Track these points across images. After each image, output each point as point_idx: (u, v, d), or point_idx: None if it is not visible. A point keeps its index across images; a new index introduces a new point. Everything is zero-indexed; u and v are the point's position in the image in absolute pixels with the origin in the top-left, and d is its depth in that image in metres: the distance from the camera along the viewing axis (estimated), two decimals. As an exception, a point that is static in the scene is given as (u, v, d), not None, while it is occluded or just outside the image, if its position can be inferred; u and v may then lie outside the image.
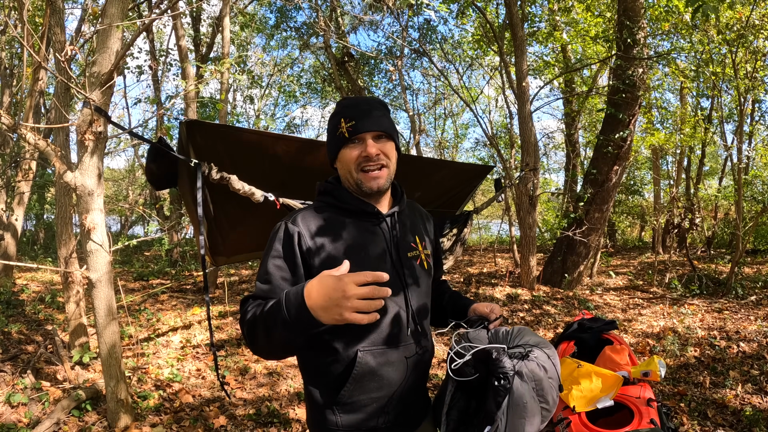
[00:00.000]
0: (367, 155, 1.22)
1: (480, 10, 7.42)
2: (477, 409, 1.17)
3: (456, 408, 1.19)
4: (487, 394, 1.09)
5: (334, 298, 0.94)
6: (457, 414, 1.18)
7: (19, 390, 3.43)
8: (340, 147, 1.26)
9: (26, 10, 3.39)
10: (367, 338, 1.19)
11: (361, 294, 0.93)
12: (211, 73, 5.73)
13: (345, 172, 1.27)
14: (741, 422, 3.05)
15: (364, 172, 1.24)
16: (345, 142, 1.24)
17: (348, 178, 1.27)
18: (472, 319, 1.32)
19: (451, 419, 1.18)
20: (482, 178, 4.92)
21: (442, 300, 1.51)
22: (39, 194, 12.33)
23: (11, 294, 6.29)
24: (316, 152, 3.73)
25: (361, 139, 1.23)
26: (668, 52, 7.24)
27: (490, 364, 1.10)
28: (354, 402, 1.20)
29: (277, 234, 1.22)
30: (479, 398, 1.17)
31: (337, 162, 1.29)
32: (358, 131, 1.23)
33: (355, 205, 1.26)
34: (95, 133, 2.71)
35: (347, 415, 1.21)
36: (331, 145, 1.31)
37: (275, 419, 3.28)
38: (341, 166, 1.28)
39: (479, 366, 1.14)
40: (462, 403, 1.20)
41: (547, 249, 9.37)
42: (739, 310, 5.42)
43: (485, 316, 1.34)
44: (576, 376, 2.88)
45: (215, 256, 4.22)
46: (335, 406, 1.21)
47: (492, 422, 1.05)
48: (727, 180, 11.69)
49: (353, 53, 10.68)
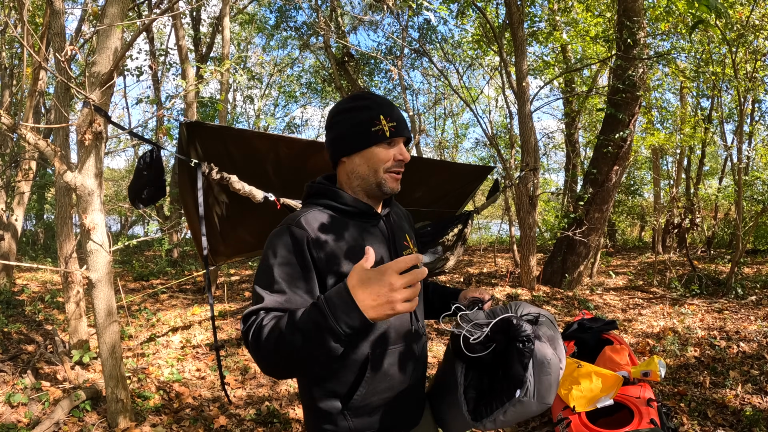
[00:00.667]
0: (402, 159, 1.22)
1: (480, 10, 7.42)
2: (489, 384, 1.19)
3: (471, 386, 1.21)
4: (510, 361, 1.12)
5: (382, 293, 0.90)
6: (474, 392, 1.21)
7: (19, 390, 3.43)
8: (372, 144, 1.19)
9: (26, 10, 3.39)
10: (377, 339, 1.18)
11: (406, 282, 0.90)
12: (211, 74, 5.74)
13: (366, 170, 1.21)
14: (741, 422, 3.05)
15: (389, 173, 1.22)
16: (381, 140, 1.19)
17: (367, 176, 1.22)
18: (470, 301, 1.36)
19: (469, 397, 1.20)
20: (482, 179, 4.94)
21: (427, 293, 1.51)
22: (39, 194, 12.33)
23: (11, 294, 6.29)
24: (316, 152, 3.74)
25: (396, 143, 1.22)
26: (668, 52, 7.25)
27: (512, 331, 1.14)
28: (366, 405, 1.19)
29: (282, 239, 1.13)
30: (490, 374, 1.19)
31: (357, 157, 1.21)
32: (399, 134, 1.20)
33: (356, 206, 1.23)
34: (95, 133, 2.71)
35: (359, 418, 1.19)
36: (354, 137, 1.20)
37: (275, 419, 3.28)
38: (363, 163, 1.21)
39: (497, 337, 1.17)
40: (475, 381, 1.22)
41: (547, 249, 9.37)
42: (739, 310, 5.42)
43: (479, 298, 1.36)
44: (576, 376, 2.88)
45: (216, 256, 4.22)
46: (347, 411, 1.18)
47: (522, 384, 1.09)
48: (727, 180, 11.69)
49: (353, 53, 10.68)
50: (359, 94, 1.27)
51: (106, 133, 2.82)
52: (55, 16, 3.75)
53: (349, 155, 1.22)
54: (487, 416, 1.17)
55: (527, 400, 1.10)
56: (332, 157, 1.26)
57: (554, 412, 2.96)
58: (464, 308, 1.34)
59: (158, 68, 11.74)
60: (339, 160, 1.25)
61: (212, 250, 4.04)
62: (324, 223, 1.18)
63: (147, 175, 2.93)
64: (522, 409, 1.12)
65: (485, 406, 1.18)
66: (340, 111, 1.24)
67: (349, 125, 1.21)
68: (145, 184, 2.97)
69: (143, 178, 2.95)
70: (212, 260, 4.30)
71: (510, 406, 1.13)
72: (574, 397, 2.79)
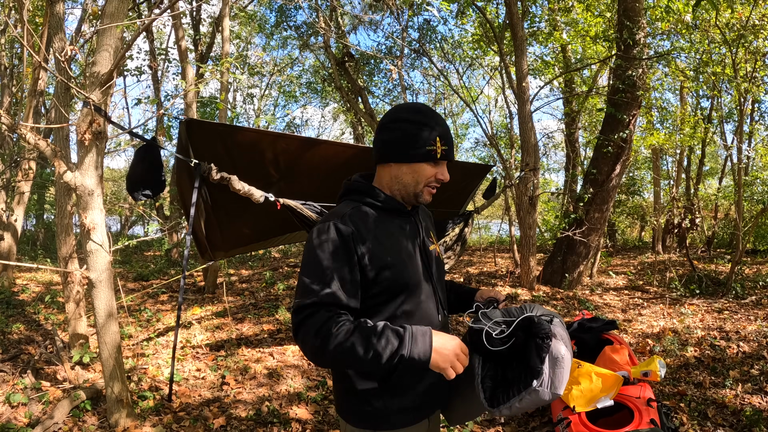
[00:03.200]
0: (442, 179, 1.35)
1: (480, 10, 7.42)
2: (503, 375, 1.32)
3: (488, 376, 1.33)
4: (528, 354, 1.25)
5: (449, 359, 1.14)
6: (490, 381, 1.33)
7: (19, 390, 3.43)
8: (422, 160, 1.30)
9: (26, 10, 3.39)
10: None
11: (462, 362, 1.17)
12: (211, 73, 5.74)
13: (409, 180, 1.33)
14: (741, 422, 3.05)
15: (427, 188, 1.34)
16: (431, 159, 1.30)
17: (408, 185, 1.33)
18: (487, 300, 1.49)
19: (486, 386, 1.32)
20: (482, 177, 4.94)
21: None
22: (39, 194, 12.33)
23: (11, 294, 6.29)
24: (316, 150, 3.73)
25: (442, 164, 1.34)
26: (668, 52, 7.25)
27: (533, 328, 1.27)
28: (400, 386, 1.31)
29: (329, 235, 1.21)
30: (504, 366, 1.32)
31: (406, 167, 1.31)
32: (446, 158, 1.32)
33: (393, 204, 1.34)
34: (95, 133, 2.71)
35: (393, 398, 1.31)
36: (410, 150, 1.29)
37: (275, 419, 3.28)
38: (409, 173, 1.32)
39: (518, 333, 1.30)
40: (492, 372, 1.34)
41: (547, 249, 9.37)
42: (738, 310, 5.42)
43: (495, 298, 1.50)
44: (576, 376, 2.88)
45: (214, 251, 4.22)
46: (383, 392, 1.30)
47: (539, 375, 1.22)
48: (727, 180, 11.69)
49: (353, 53, 10.68)
50: (423, 109, 1.33)
51: (106, 133, 2.81)
52: (55, 16, 3.75)
53: (399, 162, 1.32)
54: (503, 403, 1.28)
55: (542, 389, 1.22)
56: (381, 157, 1.34)
57: (554, 412, 2.96)
58: (483, 306, 1.45)
59: (158, 68, 11.74)
60: (384, 162, 1.35)
61: (210, 246, 4.04)
62: (365, 219, 1.28)
63: (142, 169, 2.93)
64: (536, 398, 1.23)
65: (502, 394, 1.29)
66: (402, 119, 1.31)
67: (408, 136, 1.29)
68: (141, 178, 2.97)
69: (138, 170, 2.96)
70: (211, 255, 4.31)
71: (526, 394, 1.24)
72: (574, 397, 2.79)
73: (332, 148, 3.86)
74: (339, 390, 1.38)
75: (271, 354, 4.44)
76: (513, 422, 3.25)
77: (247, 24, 11.99)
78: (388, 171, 1.34)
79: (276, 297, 6.50)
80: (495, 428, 3.19)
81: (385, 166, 1.34)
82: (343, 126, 19.56)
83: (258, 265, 9.34)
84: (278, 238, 4.76)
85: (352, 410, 1.34)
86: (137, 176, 2.98)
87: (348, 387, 1.33)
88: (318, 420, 3.32)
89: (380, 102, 13.98)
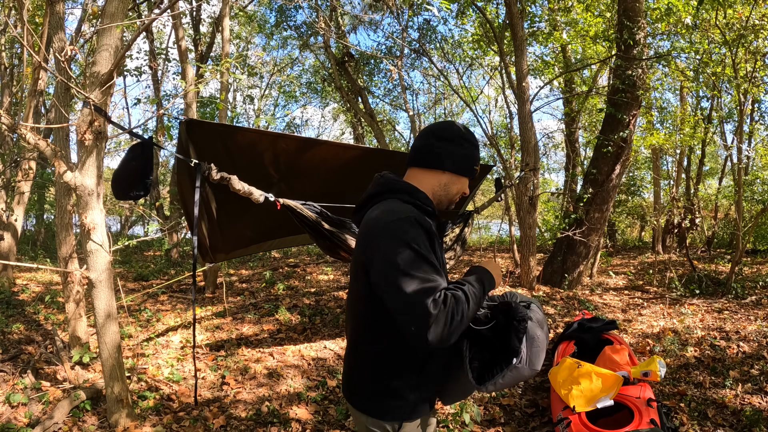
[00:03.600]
0: (465, 194, 1.56)
1: (480, 10, 7.42)
2: (489, 356, 1.44)
3: (476, 358, 1.46)
4: (508, 335, 1.41)
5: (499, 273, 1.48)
6: (477, 362, 1.45)
7: (19, 390, 3.43)
8: (469, 176, 1.53)
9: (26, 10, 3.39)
10: None
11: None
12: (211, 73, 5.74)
13: (453, 190, 1.52)
14: (741, 422, 3.05)
15: (456, 198, 1.54)
16: (471, 176, 1.54)
17: (450, 194, 1.51)
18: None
19: (474, 367, 1.44)
20: (482, 178, 4.93)
21: None
22: (39, 194, 12.33)
23: (11, 294, 6.29)
24: (316, 150, 3.73)
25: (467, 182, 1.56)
26: (668, 52, 7.25)
27: (511, 312, 1.44)
28: (430, 378, 1.47)
29: (416, 229, 1.30)
30: (489, 348, 1.45)
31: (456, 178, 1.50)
32: (476, 177, 1.59)
33: (435, 210, 1.48)
34: (95, 133, 2.71)
35: (421, 390, 1.45)
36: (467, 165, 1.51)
37: (275, 419, 3.28)
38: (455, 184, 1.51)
39: (499, 316, 1.46)
40: (478, 354, 1.46)
41: (547, 249, 9.36)
42: (738, 310, 5.42)
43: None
44: (576, 376, 2.88)
45: (215, 253, 4.22)
46: (416, 387, 1.43)
47: (517, 354, 1.37)
48: (727, 180, 11.69)
49: (353, 53, 10.68)
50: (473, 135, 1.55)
51: (106, 133, 2.81)
52: (55, 15, 3.75)
53: (454, 173, 1.49)
54: (489, 380, 1.41)
55: (521, 366, 1.37)
56: (439, 164, 1.48)
57: (554, 412, 2.96)
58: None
59: (158, 68, 11.74)
60: (441, 170, 1.49)
61: (211, 248, 4.04)
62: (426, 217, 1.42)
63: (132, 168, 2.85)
64: (517, 374, 1.38)
65: (487, 373, 1.42)
66: (466, 138, 1.51)
67: (469, 154, 1.51)
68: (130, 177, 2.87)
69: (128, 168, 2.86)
70: (212, 257, 4.30)
71: (508, 371, 1.38)
72: (574, 397, 2.79)
73: (332, 149, 3.86)
74: (374, 391, 1.44)
75: (271, 354, 4.44)
76: (513, 422, 3.25)
77: (247, 24, 11.99)
78: (438, 178, 1.49)
79: (276, 297, 6.49)
80: (495, 428, 3.19)
81: (438, 172, 1.49)
82: (343, 126, 19.57)
83: (258, 265, 9.34)
84: (280, 240, 4.76)
85: (385, 408, 1.43)
86: (125, 174, 2.89)
87: (386, 386, 1.42)
88: (318, 420, 3.32)
89: (380, 102, 14.00)
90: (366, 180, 1.60)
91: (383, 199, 1.43)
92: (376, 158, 4.13)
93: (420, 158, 1.49)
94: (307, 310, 5.73)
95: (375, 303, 1.36)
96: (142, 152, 2.92)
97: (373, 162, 3.98)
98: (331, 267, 8.58)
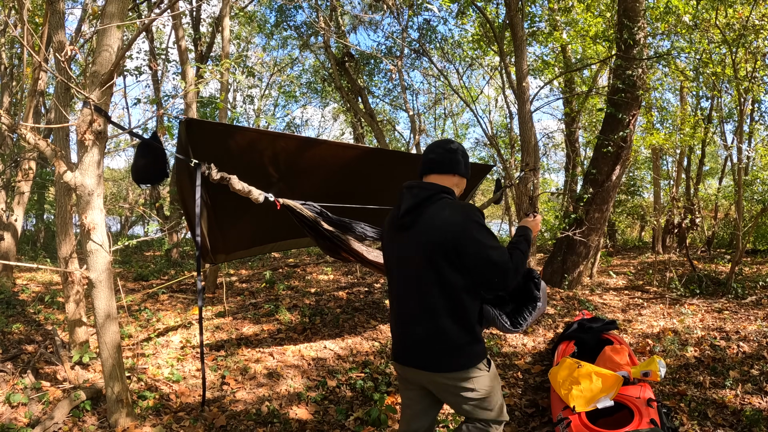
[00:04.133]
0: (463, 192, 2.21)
1: (480, 10, 7.42)
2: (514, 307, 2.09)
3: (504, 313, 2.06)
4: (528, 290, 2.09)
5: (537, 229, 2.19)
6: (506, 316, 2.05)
7: (19, 390, 3.43)
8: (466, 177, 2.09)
9: (26, 10, 3.39)
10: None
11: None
12: (211, 73, 5.74)
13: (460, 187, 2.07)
14: (741, 422, 3.05)
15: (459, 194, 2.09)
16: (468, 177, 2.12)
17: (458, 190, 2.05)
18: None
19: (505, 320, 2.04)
20: (482, 177, 4.93)
21: None
22: (39, 194, 12.33)
23: (11, 294, 6.29)
24: (316, 150, 3.73)
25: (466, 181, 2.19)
26: (668, 52, 7.24)
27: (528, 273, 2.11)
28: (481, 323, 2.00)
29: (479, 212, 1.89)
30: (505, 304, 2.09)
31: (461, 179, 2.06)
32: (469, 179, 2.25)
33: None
34: (95, 133, 2.71)
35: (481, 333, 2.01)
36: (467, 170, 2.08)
37: (275, 419, 3.28)
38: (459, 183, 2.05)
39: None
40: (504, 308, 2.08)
41: (547, 249, 9.37)
42: (738, 310, 5.42)
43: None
44: (576, 376, 2.88)
45: (215, 254, 4.22)
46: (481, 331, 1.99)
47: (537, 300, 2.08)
48: (727, 180, 11.69)
49: (353, 53, 10.67)
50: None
51: (106, 133, 2.82)
52: (55, 14, 3.75)
53: (461, 176, 2.05)
54: (523, 322, 2.05)
55: (540, 305, 2.09)
56: (453, 170, 2.01)
57: (554, 412, 2.96)
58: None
59: (158, 68, 11.74)
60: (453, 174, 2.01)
61: (212, 249, 4.04)
62: None
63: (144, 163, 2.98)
64: (537, 313, 2.08)
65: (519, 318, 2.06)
66: (464, 151, 2.08)
67: (468, 162, 2.09)
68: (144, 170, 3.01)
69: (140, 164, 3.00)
70: (212, 258, 4.30)
71: (534, 311, 2.07)
72: (574, 397, 2.79)
73: (332, 149, 3.86)
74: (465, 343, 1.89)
75: (271, 354, 4.44)
76: (513, 422, 3.25)
77: (247, 24, 11.98)
78: (451, 180, 2.01)
79: (276, 297, 6.49)
80: None
81: (450, 176, 2.00)
82: (343, 126, 19.57)
83: (258, 265, 9.34)
84: (280, 243, 4.76)
85: (475, 353, 1.91)
86: (140, 168, 3.02)
87: (472, 337, 1.90)
88: (318, 420, 3.32)
89: (380, 102, 13.99)
90: (366, 180, 1.62)
91: (437, 200, 1.89)
92: (376, 158, 4.13)
93: (438, 167, 2.00)
94: (307, 310, 5.73)
95: (454, 276, 1.83)
96: (148, 150, 2.95)
97: (373, 162, 3.98)
98: (331, 267, 8.58)
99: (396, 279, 2.00)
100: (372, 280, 7.37)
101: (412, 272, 1.90)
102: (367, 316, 5.59)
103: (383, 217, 4.21)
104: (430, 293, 1.85)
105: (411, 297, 1.91)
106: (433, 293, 1.84)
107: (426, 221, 1.85)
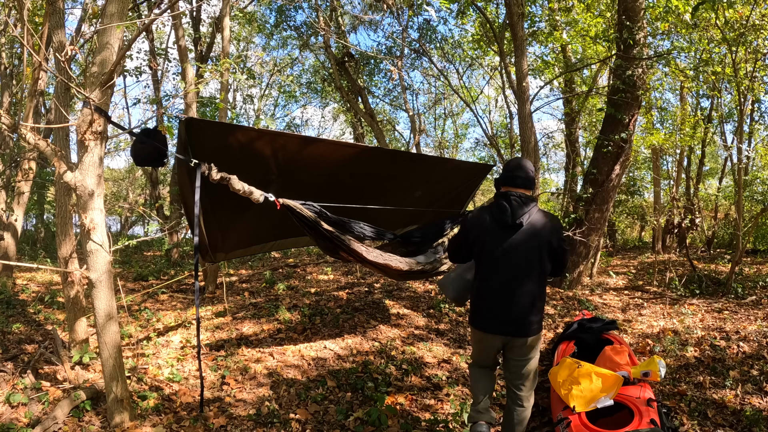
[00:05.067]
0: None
1: (480, 10, 7.42)
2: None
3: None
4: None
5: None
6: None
7: (19, 390, 3.43)
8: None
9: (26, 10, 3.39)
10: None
11: None
12: (211, 73, 5.74)
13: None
14: (741, 422, 3.05)
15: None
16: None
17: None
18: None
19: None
20: (482, 177, 4.93)
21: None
22: (39, 194, 12.33)
23: (11, 294, 6.29)
24: (315, 149, 3.73)
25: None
26: (668, 52, 7.24)
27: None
28: None
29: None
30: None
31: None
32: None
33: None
34: (95, 133, 2.71)
35: None
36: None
37: (275, 419, 3.28)
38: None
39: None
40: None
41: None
42: (738, 310, 5.42)
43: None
44: (576, 376, 2.88)
45: (215, 253, 4.21)
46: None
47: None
48: (727, 180, 11.69)
49: (353, 53, 10.67)
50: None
51: (106, 133, 2.82)
52: (55, 14, 3.75)
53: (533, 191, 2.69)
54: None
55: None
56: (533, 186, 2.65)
57: (554, 412, 2.97)
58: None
59: (158, 68, 11.74)
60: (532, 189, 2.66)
61: (212, 247, 4.04)
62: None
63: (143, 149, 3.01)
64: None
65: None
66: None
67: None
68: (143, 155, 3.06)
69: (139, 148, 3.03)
70: (212, 257, 4.30)
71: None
72: (574, 397, 2.79)
73: (332, 147, 3.86)
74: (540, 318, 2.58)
75: (271, 354, 4.44)
76: (513, 422, 3.25)
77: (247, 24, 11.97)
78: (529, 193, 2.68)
79: (276, 297, 6.49)
80: (495, 428, 3.19)
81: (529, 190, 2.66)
82: (343, 126, 19.57)
83: (258, 265, 9.34)
84: (280, 242, 4.76)
85: (541, 325, 2.60)
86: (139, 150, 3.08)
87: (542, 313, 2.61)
88: (318, 420, 3.32)
89: (380, 102, 13.99)
90: (366, 179, 1.62)
91: (533, 207, 2.55)
92: (376, 157, 4.13)
93: (528, 184, 2.61)
94: (307, 310, 5.73)
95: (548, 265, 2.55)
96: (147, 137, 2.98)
97: (373, 161, 3.98)
98: (331, 267, 8.58)
99: (502, 266, 2.53)
100: (372, 280, 7.37)
101: (522, 261, 2.49)
102: (367, 316, 5.59)
103: (383, 216, 4.22)
104: (534, 278, 2.50)
105: (519, 280, 2.49)
106: (534, 277, 2.50)
107: (533, 223, 2.51)
